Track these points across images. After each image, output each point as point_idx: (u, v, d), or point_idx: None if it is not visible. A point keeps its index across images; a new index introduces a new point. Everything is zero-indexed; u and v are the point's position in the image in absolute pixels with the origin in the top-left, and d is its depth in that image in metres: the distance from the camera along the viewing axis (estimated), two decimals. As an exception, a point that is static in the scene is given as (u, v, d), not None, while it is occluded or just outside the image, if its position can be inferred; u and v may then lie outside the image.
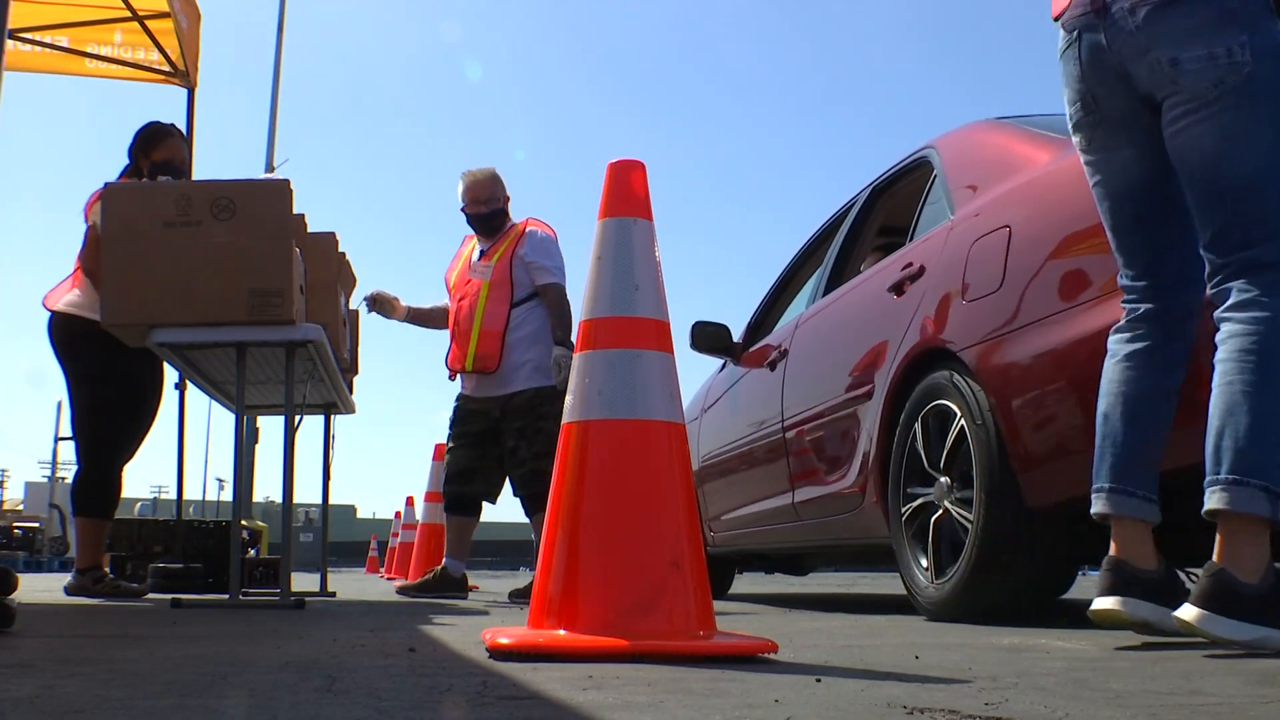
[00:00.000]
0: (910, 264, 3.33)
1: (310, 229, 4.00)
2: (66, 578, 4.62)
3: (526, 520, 5.16)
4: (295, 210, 3.48)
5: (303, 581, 6.11)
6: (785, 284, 4.99)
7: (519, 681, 1.46)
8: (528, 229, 5.16)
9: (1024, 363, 2.68)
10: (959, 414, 2.88)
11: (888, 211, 4.13)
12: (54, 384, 4.46)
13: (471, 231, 5.26)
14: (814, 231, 4.79)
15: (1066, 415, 2.57)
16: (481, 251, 5.16)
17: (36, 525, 34.66)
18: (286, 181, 3.49)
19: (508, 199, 5.23)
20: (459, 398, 5.18)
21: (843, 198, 4.37)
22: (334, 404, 4.61)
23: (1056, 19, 2.25)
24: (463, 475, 5.11)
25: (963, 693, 1.40)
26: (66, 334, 4.28)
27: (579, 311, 2.05)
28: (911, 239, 3.56)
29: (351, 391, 4.67)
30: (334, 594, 4.77)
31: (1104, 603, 2.15)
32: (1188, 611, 1.95)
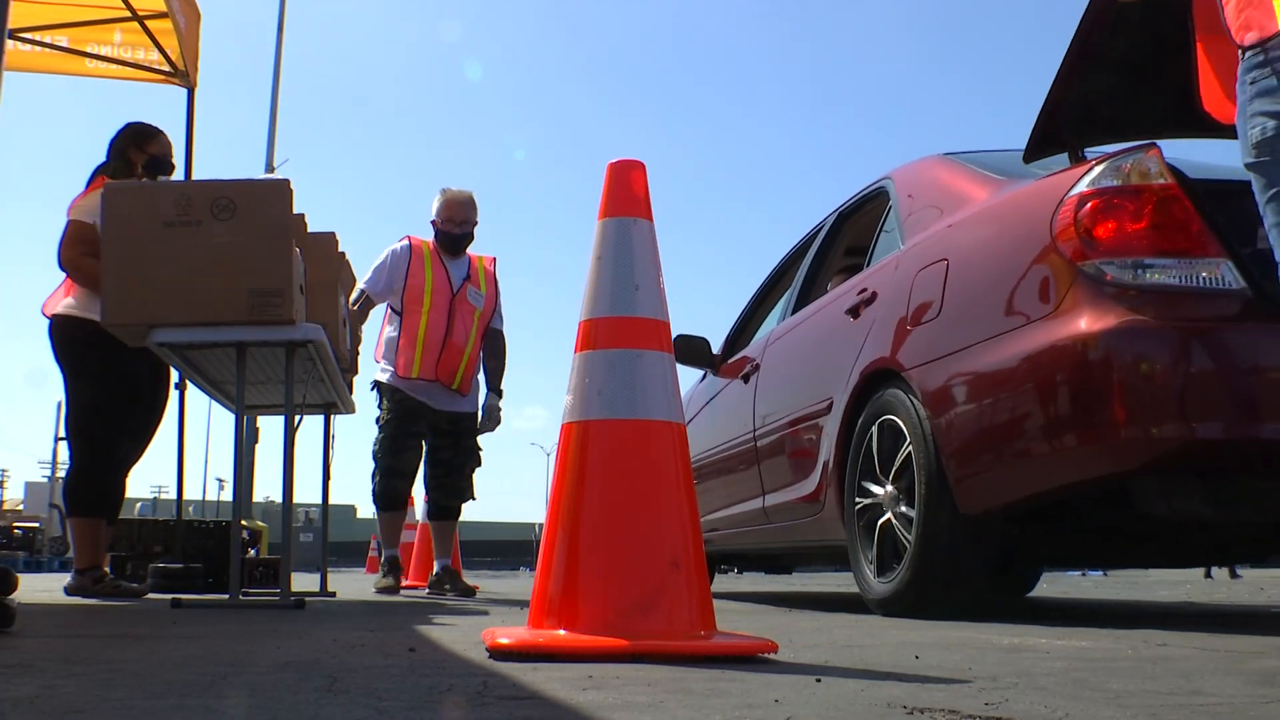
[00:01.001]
0: (865, 289, 3.59)
1: (310, 229, 3.99)
2: (67, 578, 4.61)
3: (527, 520, 5.26)
4: (295, 210, 3.47)
5: (303, 581, 6.12)
6: (761, 300, 5.28)
7: (519, 681, 1.46)
8: (495, 269, 5.53)
9: (957, 384, 2.93)
10: (905, 428, 3.12)
11: (853, 235, 4.39)
12: (54, 384, 4.43)
13: (420, 238, 5.42)
14: (787, 251, 5.05)
15: (994, 432, 2.80)
16: (465, 276, 5.36)
17: (36, 525, 34.68)
18: (286, 181, 3.49)
19: (476, 223, 5.49)
20: (404, 397, 5.23)
21: (842, 198, 4.44)
22: (334, 404, 4.61)
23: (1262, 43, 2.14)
24: (411, 475, 5.34)
25: (963, 693, 1.40)
26: (65, 335, 4.28)
27: (579, 311, 2.05)
28: (868, 265, 3.86)
29: (351, 391, 4.67)
30: (334, 594, 4.77)
31: None
32: None
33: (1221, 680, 1.55)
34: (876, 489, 3.32)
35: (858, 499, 3.41)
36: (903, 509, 3.14)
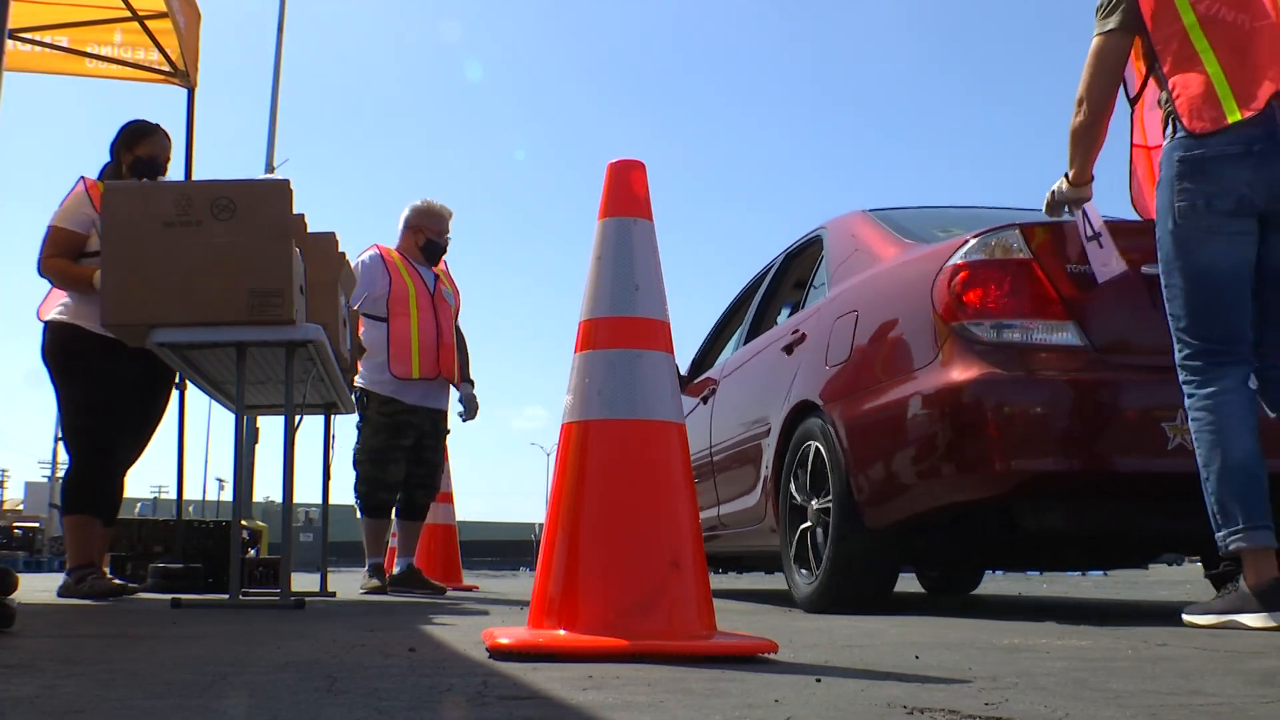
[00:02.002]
0: (797, 330, 4.11)
1: (310, 229, 3.99)
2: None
3: (526, 521, 5.31)
4: (295, 210, 3.47)
5: (303, 581, 6.12)
6: (724, 326, 5.70)
7: (519, 681, 1.46)
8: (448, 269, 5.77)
9: (863, 418, 3.43)
10: (824, 453, 3.61)
11: (798, 272, 4.86)
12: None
13: (387, 247, 5.55)
14: (745, 284, 5.50)
15: (892, 459, 3.29)
16: (435, 277, 5.55)
17: (36, 525, 34.70)
18: (286, 181, 3.49)
19: None
20: (395, 407, 5.33)
21: (842, 198, 4.66)
22: (334, 404, 4.61)
23: (1207, 133, 2.70)
24: (396, 487, 5.42)
25: (963, 693, 1.40)
26: (54, 341, 4.24)
27: (579, 311, 2.05)
28: (803, 306, 4.44)
29: (352, 391, 4.67)
30: (334, 594, 4.77)
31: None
32: None
33: (1221, 680, 1.55)
34: (803, 503, 3.81)
35: (789, 510, 3.89)
36: (822, 524, 3.65)
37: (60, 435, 4.49)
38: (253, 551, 6.70)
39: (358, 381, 5.28)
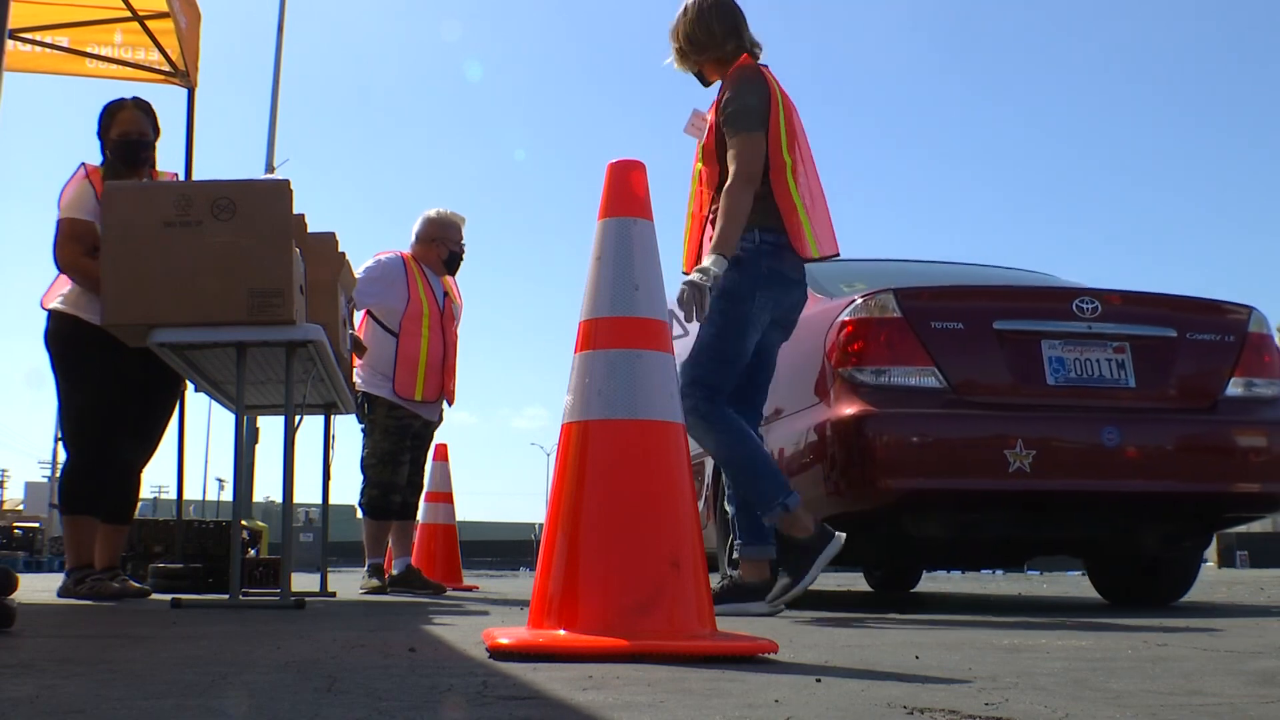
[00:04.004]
0: None
1: (310, 229, 3.99)
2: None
3: (526, 520, 5.36)
4: (295, 210, 3.47)
5: (303, 581, 6.12)
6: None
7: (519, 681, 1.46)
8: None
9: (779, 439, 4.09)
10: None
11: None
12: (53, 383, 4.36)
13: (407, 253, 5.55)
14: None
15: (799, 474, 3.89)
16: (443, 291, 5.54)
17: (36, 525, 34.65)
18: (286, 181, 3.48)
19: None
20: (403, 411, 5.38)
21: (841, 198, 4.67)
22: (334, 404, 4.61)
23: (806, 260, 3.47)
24: (403, 488, 5.47)
25: (963, 693, 1.40)
26: (56, 333, 4.19)
27: (579, 311, 2.05)
28: None
29: (351, 391, 4.67)
30: (334, 594, 4.77)
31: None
32: None
33: (1221, 680, 1.55)
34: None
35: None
36: None
37: (59, 434, 4.45)
38: (253, 551, 6.69)
39: (360, 386, 5.28)
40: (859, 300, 3.79)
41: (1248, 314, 4.03)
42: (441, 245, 5.54)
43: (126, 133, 4.26)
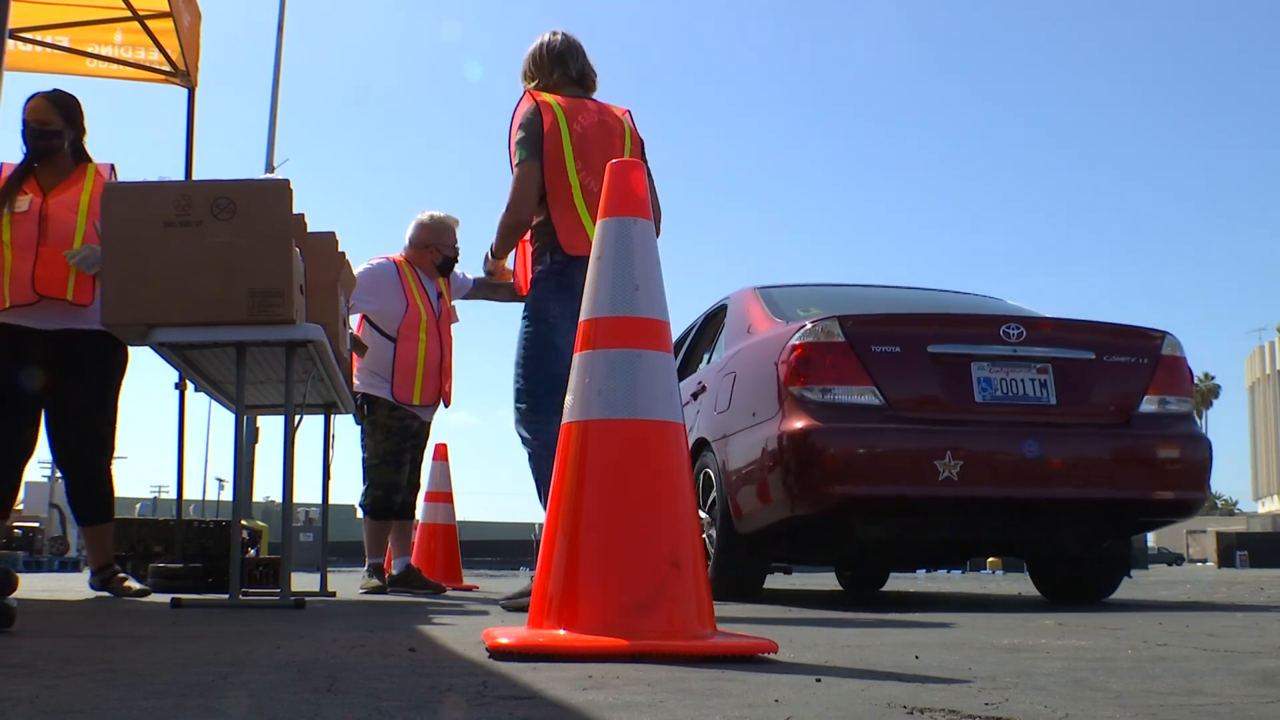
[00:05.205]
0: (700, 382, 5.19)
1: (310, 229, 3.99)
2: (67, 578, 4.60)
3: (527, 521, 5.39)
4: (295, 210, 3.47)
5: (303, 581, 6.12)
6: None
7: (519, 681, 1.46)
8: None
9: (735, 452, 4.49)
10: (713, 477, 4.67)
11: (712, 331, 5.72)
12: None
13: (399, 257, 5.56)
14: (678, 336, 6.17)
15: (752, 483, 4.32)
16: (437, 293, 5.56)
17: (36, 525, 34.57)
18: (286, 181, 3.48)
19: None
20: (403, 412, 5.40)
21: (841, 198, 4.88)
22: (334, 404, 4.61)
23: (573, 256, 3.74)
24: (404, 487, 5.50)
25: (963, 693, 1.40)
26: None
27: (580, 311, 2.05)
28: (709, 362, 5.41)
29: (351, 391, 4.66)
30: (334, 594, 4.77)
31: None
32: None
33: (1221, 680, 1.55)
34: (701, 515, 4.62)
35: None
36: (712, 530, 4.66)
37: None
38: (253, 551, 6.69)
39: (359, 388, 5.30)
40: (809, 325, 4.18)
41: (1161, 338, 4.40)
42: (435, 250, 5.57)
43: (28, 121, 4.28)
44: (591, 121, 3.84)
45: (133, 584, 4.48)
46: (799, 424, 4.04)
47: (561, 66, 3.98)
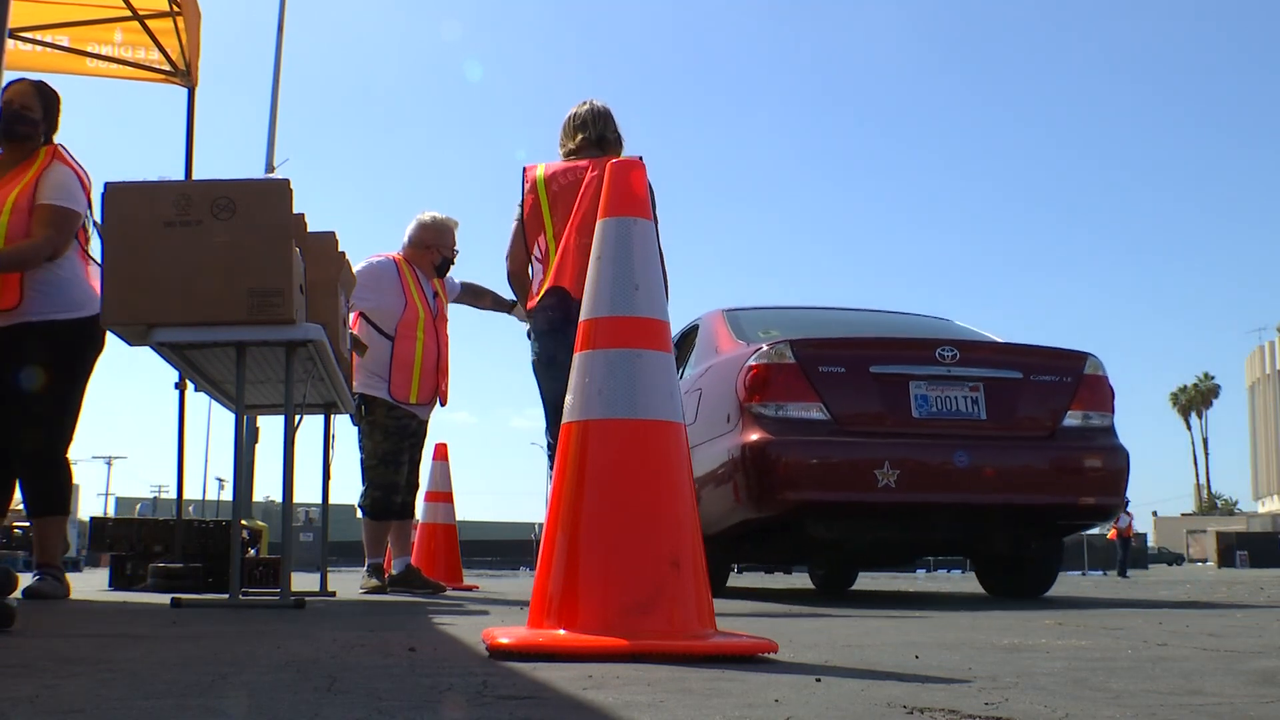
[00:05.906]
0: None
1: (310, 229, 3.99)
2: (66, 578, 4.58)
3: (526, 520, 5.40)
4: (295, 210, 3.47)
5: (303, 581, 6.12)
6: None
7: (519, 681, 1.46)
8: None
9: (700, 460, 4.72)
10: None
11: (686, 348, 6.09)
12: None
13: (398, 255, 5.59)
14: None
15: (716, 488, 4.72)
16: (433, 292, 5.59)
17: (36, 525, 34.55)
18: (286, 181, 3.48)
19: None
20: (401, 411, 5.41)
21: (841, 198, 4.95)
22: (334, 403, 4.61)
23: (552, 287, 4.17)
24: (403, 488, 5.50)
25: (963, 693, 1.40)
26: None
27: (579, 311, 2.05)
28: (682, 378, 5.59)
29: (351, 391, 4.66)
30: (334, 594, 4.77)
31: None
32: None
33: (1221, 680, 1.55)
34: None
35: None
36: None
37: None
38: (253, 551, 6.70)
39: (357, 388, 5.30)
40: (764, 348, 4.67)
41: (1084, 359, 4.88)
42: (434, 251, 5.59)
43: (9, 101, 4.18)
44: (568, 181, 4.22)
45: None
46: (754, 436, 4.51)
47: (583, 132, 4.35)
